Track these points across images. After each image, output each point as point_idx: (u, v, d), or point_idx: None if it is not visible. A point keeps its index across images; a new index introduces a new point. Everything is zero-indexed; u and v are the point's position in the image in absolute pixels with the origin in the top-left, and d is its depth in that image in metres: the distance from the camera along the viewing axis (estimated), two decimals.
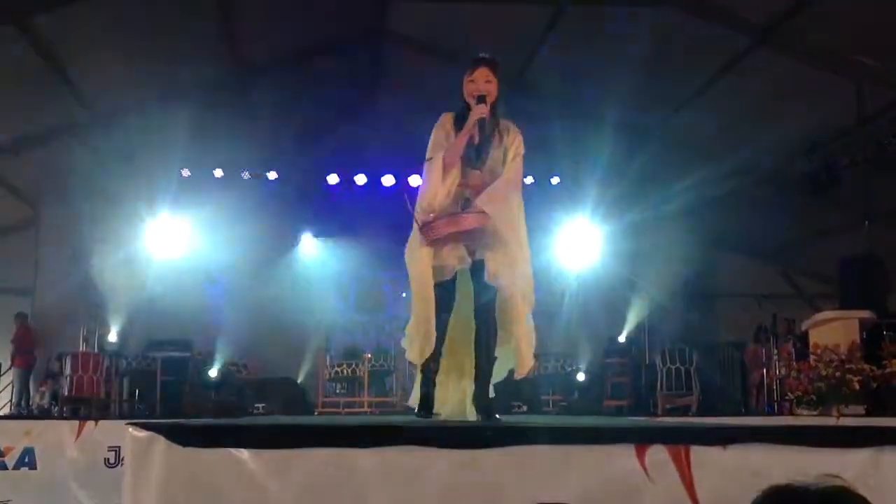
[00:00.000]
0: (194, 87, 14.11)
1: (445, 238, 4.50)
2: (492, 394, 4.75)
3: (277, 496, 2.84)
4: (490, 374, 4.67)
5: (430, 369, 4.66)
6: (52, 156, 13.72)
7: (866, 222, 11.17)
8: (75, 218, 14.97)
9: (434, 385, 4.69)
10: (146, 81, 13.29)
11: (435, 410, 4.69)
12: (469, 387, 4.73)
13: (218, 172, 15.34)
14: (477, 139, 4.62)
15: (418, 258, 4.61)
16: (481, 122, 4.59)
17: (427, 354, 4.61)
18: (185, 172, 15.26)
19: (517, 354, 4.68)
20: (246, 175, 15.43)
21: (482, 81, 4.66)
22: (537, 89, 14.34)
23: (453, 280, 4.59)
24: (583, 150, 15.89)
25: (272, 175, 15.49)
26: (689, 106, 12.97)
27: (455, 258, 4.54)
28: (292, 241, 15.84)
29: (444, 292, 4.59)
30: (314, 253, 15.88)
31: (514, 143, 4.72)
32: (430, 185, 4.62)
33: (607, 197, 16.31)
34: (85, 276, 15.20)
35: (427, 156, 4.68)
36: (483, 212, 4.47)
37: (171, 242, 15.72)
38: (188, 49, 12.99)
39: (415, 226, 4.62)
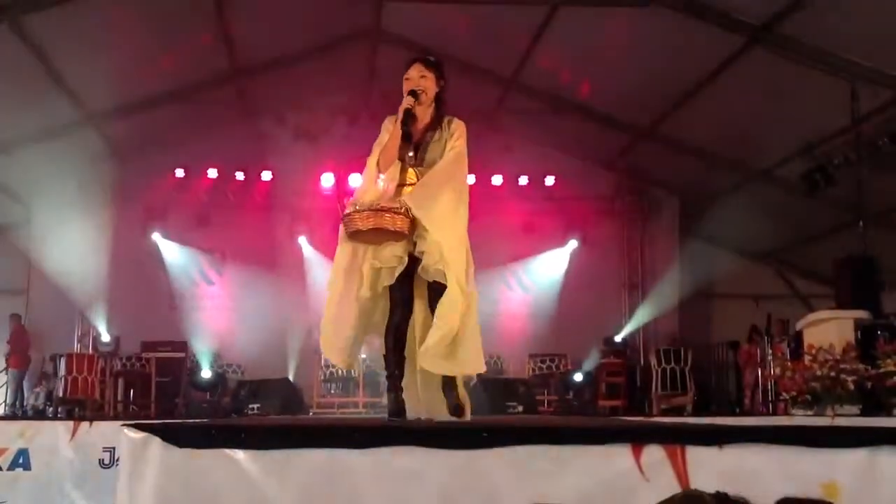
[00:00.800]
0: (189, 88, 14.10)
1: (366, 236, 4.40)
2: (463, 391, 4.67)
3: (273, 497, 2.84)
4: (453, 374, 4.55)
5: (394, 375, 4.55)
6: (46, 155, 13.67)
7: (861, 222, 11.18)
8: (69, 218, 14.94)
9: (401, 390, 4.55)
10: (141, 82, 13.27)
11: (413, 413, 4.59)
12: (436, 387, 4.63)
13: (212, 172, 15.31)
14: (415, 135, 4.60)
15: (338, 254, 4.61)
16: (407, 113, 4.55)
17: (335, 357, 4.63)
18: (180, 172, 15.24)
19: (460, 350, 4.43)
20: (241, 175, 15.40)
21: (416, 77, 4.67)
22: (532, 89, 14.38)
23: (401, 281, 4.50)
24: (577, 149, 15.93)
25: (267, 175, 15.46)
26: (684, 106, 12.97)
27: (394, 258, 4.44)
28: (287, 240, 15.81)
29: (401, 297, 4.53)
30: (309, 253, 15.85)
31: (452, 136, 4.64)
32: (362, 182, 4.65)
33: (602, 195, 16.35)
34: (78, 276, 15.17)
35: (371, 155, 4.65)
36: (405, 213, 4.35)
37: (166, 243, 15.71)
38: (184, 49, 12.98)
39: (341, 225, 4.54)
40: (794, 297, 16.51)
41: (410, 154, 4.59)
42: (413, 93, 4.59)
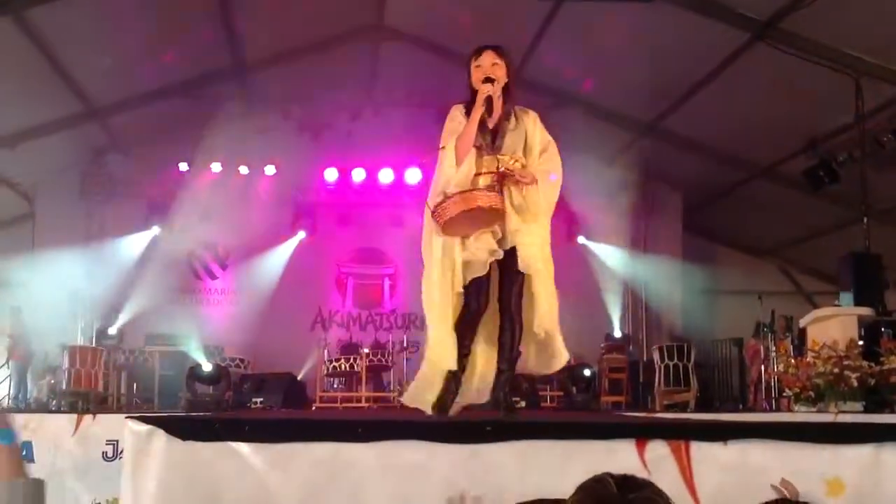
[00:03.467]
0: (193, 82, 14.10)
1: (460, 223, 4.28)
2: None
3: (277, 490, 2.84)
4: (513, 370, 4.57)
5: (457, 373, 4.42)
6: (49, 150, 13.68)
7: (865, 219, 11.16)
8: (72, 212, 14.96)
9: (456, 390, 4.45)
10: (144, 76, 13.26)
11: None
12: (488, 375, 4.61)
13: (216, 167, 15.31)
14: (490, 123, 4.50)
15: (436, 256, 4.40)
16: (488, 101, 4.47)
17: (452, 363, 4.39)
18: (183, 167, 15.23)
19: (551, 347, 4.56)
20: (244, 170, 15.40)
21: (489, 65, 4.56)
22: (535, 84, 14.35)
23: (488, 275, 4.39)
24: (581, 145, 15.89)
25: (270, 170, 15.46)
26: (688, 102, 12.95)
27: (486, 251, 4.33)
28: (290, 235, 15.84)
29: (479, 289, 4.39)
30: (312, 248, 15.86)
31: (535, 129, 4.61)
32: (442, 173, 4.44)
33: (605, 191, 16.32)
34: (82, 270, 15.18)
35: (440, 145, 4.51)
36: (498, 193, 4.35)
37: (169, 236, 15.70)
38: (187, 43, 12.97)
39: (429, 222, 4.44)
40: (797, 293, 16.51)
41: (487, 142, 4.50)
42: (489, 79, 4.49)
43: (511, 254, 4.40)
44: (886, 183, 12.01)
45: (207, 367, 13.06)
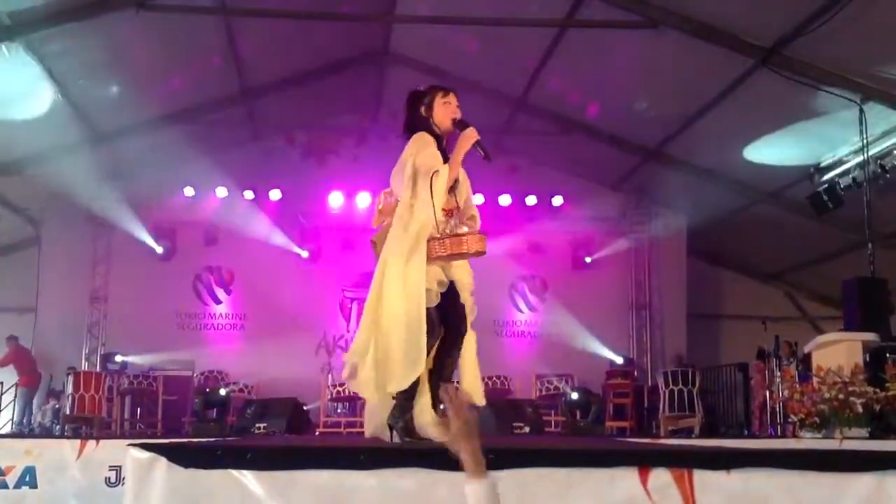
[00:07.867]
0: (199, 107, 14.17)
1: (436, 259, 4.50)
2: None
3: None
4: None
5: (411, 395, 4.52)
6: (55, 175, 13.73)
7: (869, 244, 11.15)
8: (77, 237, 15.01)
9: (412, 410, 4.55)
10: (151, 101, 13.32)
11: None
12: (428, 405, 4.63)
13: (221, 192, 15.35)
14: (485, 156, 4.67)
15: (415, 275, 4.47)
16: (479, 143, 4.62)
17: (412, 378, 4.46)
18: (189, 192, 15.28)
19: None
20: (249, 194, 15.45)
21: (455, 106, 4.72)
22: (540, 110, 14.40)
23: (439, 305, 4.58)
24: (585, 170, 15.95)
25: (276, 194, 15.50)
26: (692, 127, 12.98)
27: (436, 282, 4.54)
28: (295, 260, 15.86)
29: (430, 316, 4.50)
30: (317, 272, 15.88)
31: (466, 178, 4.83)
32: (436, 198, 4.46)
33: (609, 216, 16.35)
34: (87, 295, 15.23)
35: (426, 167, 4.53)
36: (483, 235, 4.56)
37: (174, 262, 15.73)
38: (194, 69, 13.05)
39: (405, 240, 4.51)
40: (802, 319, 16.48)
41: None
42: (464, 123, 4.69)
43: (451, 286, 4.64)
44: (891, 207, 12.01)
45: (211, 392, 13.03)
